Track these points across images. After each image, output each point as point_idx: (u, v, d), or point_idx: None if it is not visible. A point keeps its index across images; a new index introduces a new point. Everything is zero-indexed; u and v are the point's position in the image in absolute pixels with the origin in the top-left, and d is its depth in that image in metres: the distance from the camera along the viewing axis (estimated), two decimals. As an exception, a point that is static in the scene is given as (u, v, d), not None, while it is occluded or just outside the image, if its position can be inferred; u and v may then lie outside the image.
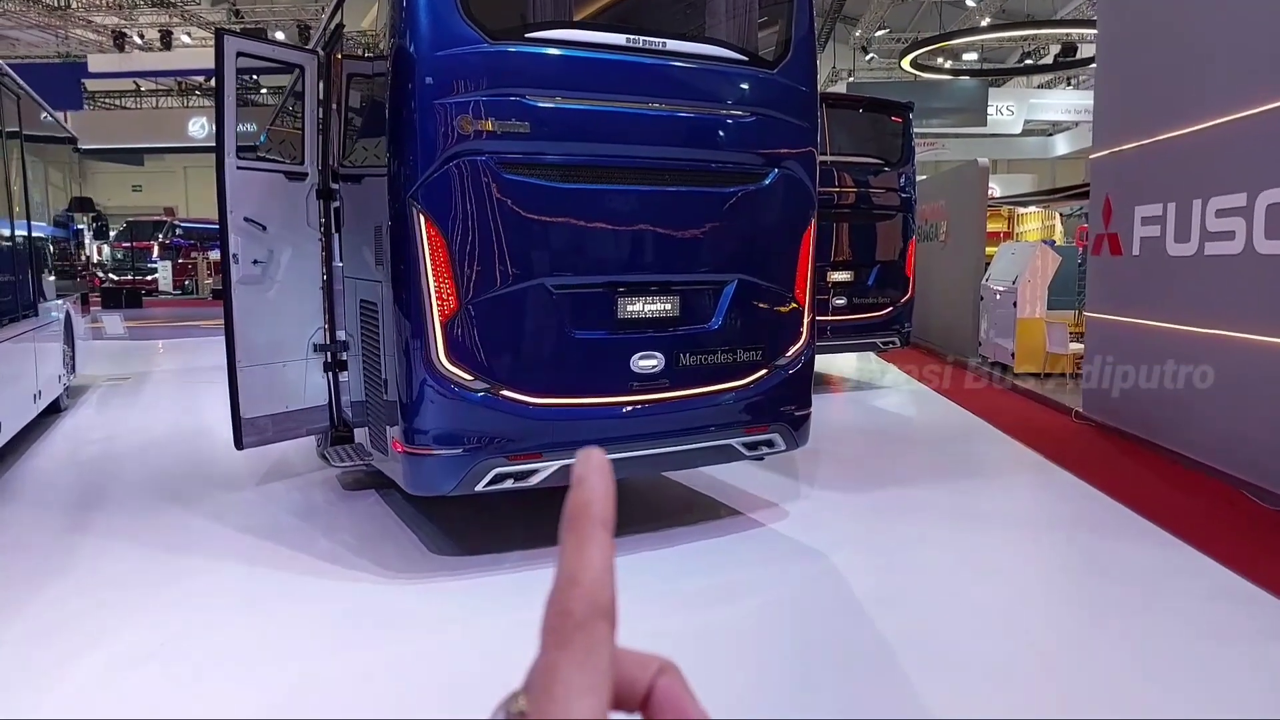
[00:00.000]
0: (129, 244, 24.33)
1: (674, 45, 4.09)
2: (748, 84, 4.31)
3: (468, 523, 4.68)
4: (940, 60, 24.86)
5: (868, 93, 19.47)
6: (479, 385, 3.78)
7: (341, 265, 4.83)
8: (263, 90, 26.00)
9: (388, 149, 3.76)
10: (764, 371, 4.41)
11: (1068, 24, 21.95)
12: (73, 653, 3.29)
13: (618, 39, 3.99)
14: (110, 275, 23.14)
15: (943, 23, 23.03)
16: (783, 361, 4.47)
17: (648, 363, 4.09)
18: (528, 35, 3.85)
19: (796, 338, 4.53)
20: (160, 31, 23.31)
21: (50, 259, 7.67)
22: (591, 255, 4.04)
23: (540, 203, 3.83)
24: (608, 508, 0.37)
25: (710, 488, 5.34)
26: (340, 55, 4.82)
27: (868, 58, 26.22)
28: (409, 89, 3.62)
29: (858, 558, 4.40)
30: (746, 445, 4.39)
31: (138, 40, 24.01)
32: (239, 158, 4.63)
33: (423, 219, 3.64)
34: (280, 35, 22.36)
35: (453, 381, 3.74)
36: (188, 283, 25.05)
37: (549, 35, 3.88)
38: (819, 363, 6.25)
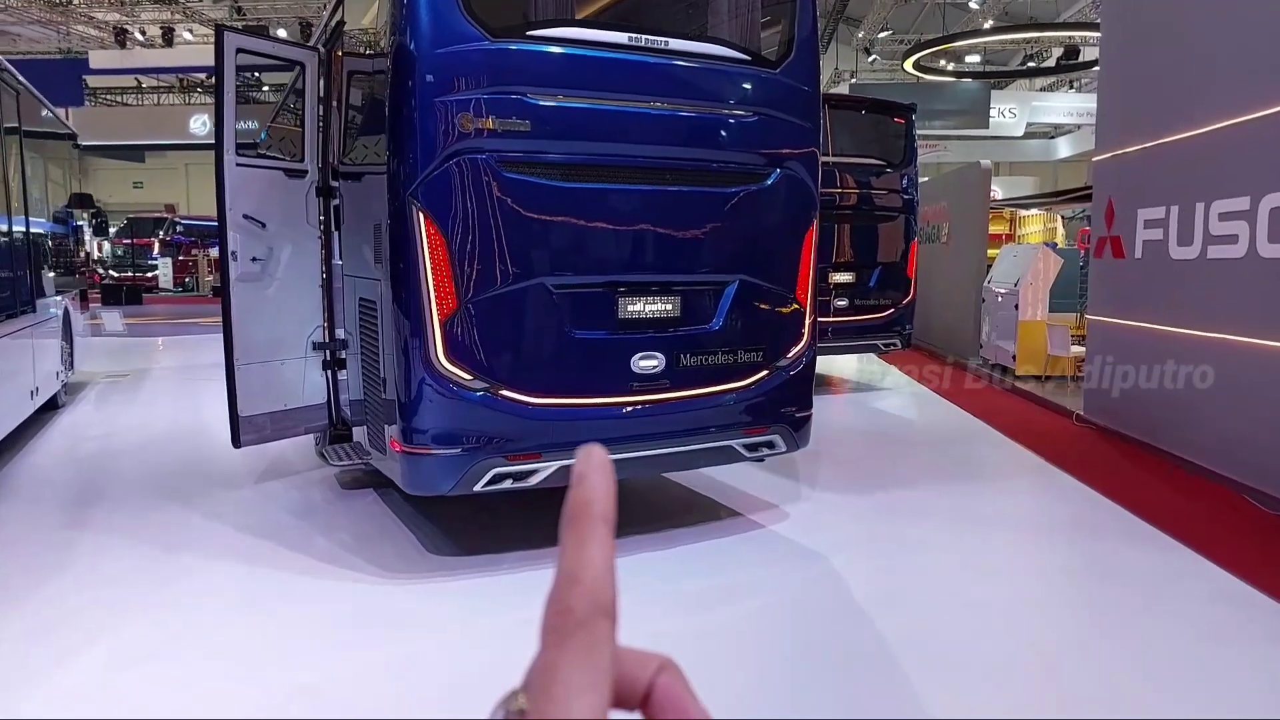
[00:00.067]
0: (129, 240, 24.36)
1: (676, 44, 4.07)
2: (750, 84, 4.30)
3: (466, 522, 4.67)
4: (943, 62, 24.85)
5: (870, 94, 19.48)
6: (478, 385, 3.77)
7: (341, 263, 4.82)
8: (264, 88, 26.00)
9: (388, 147, 3.75)
10: (765, 373, 4.40)
11: (1071, 26, 21.91)
12: (71, 651, 3.28)
13: (620, 38, 3.97)
14: (111, 272, 23.16)
15: (945, 25, 23.02)
16: (784, 363, 4.46)
17: (648, 363, 4.08)
18: (529, 33, 3.84)
19: (798, 339, 4.52)
20: (162, 28, 23.32)
21: (49, 255, 7.66)
22: (592, 255, 4.02)
23: (541, 202, 3.82)
24: (609, 505, 0.37)
25: (711, 489, 5.33)
26: (341, 52, 4.81)
27: (870, 59, 26.24)
28: (409, 86, 3.61)
29: (858, 559, 4.39)
30: (747, 446, 4.38)
31: (139, 36, 24.05)
32: (239, 154, 4.62)
33: (422, 217, 3.62)
34: (282, 32, 22.38)
35: (452, 381, 3.73)
36: (188, 280, 25.12)
37: (551, 33, 3.87)
38: (820, 364, 6.24)
